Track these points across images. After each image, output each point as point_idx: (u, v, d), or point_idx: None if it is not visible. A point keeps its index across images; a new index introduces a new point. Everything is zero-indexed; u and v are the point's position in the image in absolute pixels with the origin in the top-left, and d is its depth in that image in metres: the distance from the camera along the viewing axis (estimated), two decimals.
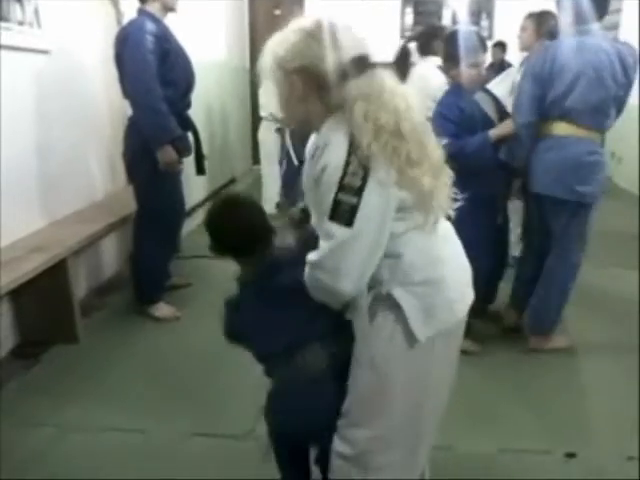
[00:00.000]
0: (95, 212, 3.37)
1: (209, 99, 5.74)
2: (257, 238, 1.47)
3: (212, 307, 1.57)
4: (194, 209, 5.10)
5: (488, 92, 2.87)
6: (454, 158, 1.41)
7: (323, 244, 1.25)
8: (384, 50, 1.71)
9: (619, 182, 6.58)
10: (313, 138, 1.38)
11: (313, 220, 1.40)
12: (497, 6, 9.54)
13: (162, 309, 3.24)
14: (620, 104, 2.61)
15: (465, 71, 2.60)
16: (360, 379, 1.38)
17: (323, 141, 1.24)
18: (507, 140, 2.64)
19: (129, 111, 3.06)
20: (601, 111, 2.57)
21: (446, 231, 1.41)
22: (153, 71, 2.81)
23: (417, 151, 1.22)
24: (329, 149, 1.21)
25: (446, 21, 9.37)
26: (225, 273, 1.61)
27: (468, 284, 1.45)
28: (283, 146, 5.03)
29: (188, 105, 3.19)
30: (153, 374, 2.69)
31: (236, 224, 1.47)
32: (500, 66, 5.60)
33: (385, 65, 1.31)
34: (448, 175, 1.33)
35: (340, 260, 1.22)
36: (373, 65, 1.26)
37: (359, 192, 1.18)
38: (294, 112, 1.34)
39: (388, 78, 1.26)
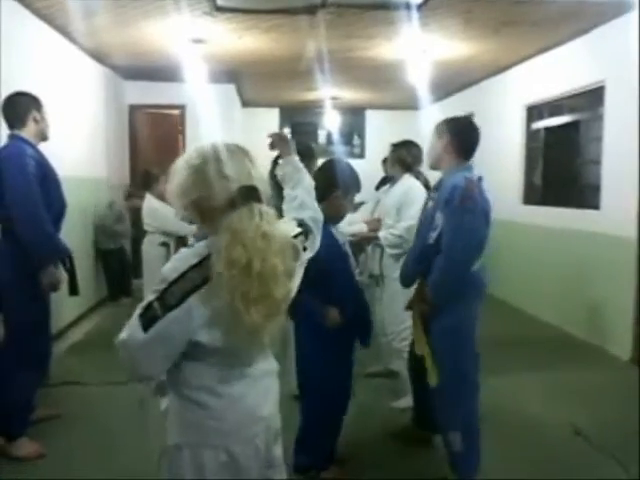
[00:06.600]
0: None
1: (86, 215, 5.78)
2: None
3: (84, 441, 1.48)
4: (65, 330, 4.92)
5: None
6: None
7: (128, 329, 1.30)
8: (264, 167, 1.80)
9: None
10: None
11: None
12: (367, 127, 10.40)
13: (24, 446, 2.91)
14: None
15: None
16: None
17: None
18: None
19: None
20: None
21: (255, 372, 1.43)
22: (38, 194, 2.80)
23: (258, 291, 1.28)
24: (173, 260, 1.33)
25: (322, 140, 10.07)
26: (100, 402, 1.53)
27: (246, 428, 1.41)
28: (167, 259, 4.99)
29: (60, 228, 3.15)
30: None
31: None
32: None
33: None
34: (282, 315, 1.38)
35: (132, 352, 1.30)
36: (258, 198, 1.32)
37: (167, 310, 1.26)
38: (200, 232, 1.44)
39: (266, 217, 1.31)
